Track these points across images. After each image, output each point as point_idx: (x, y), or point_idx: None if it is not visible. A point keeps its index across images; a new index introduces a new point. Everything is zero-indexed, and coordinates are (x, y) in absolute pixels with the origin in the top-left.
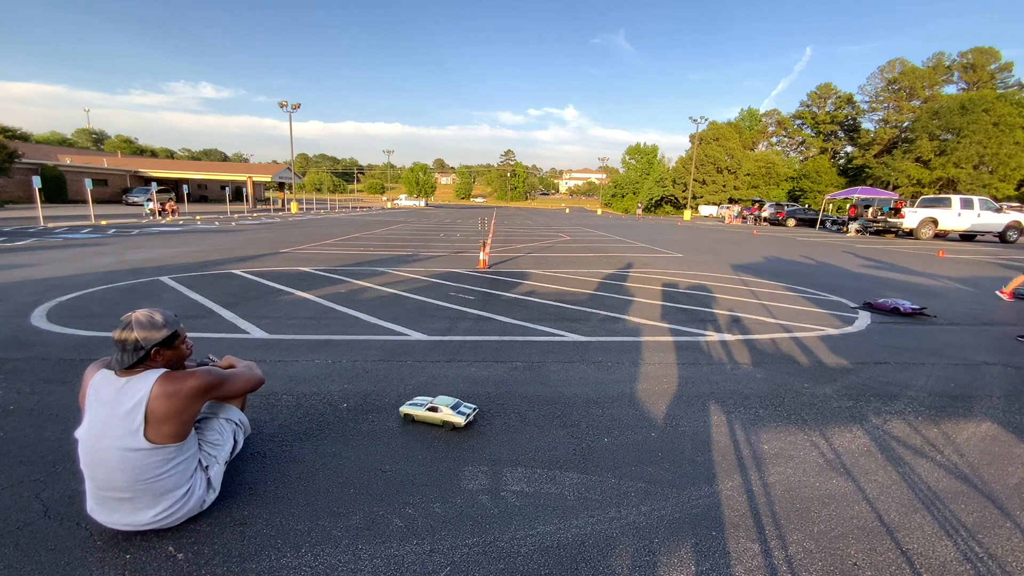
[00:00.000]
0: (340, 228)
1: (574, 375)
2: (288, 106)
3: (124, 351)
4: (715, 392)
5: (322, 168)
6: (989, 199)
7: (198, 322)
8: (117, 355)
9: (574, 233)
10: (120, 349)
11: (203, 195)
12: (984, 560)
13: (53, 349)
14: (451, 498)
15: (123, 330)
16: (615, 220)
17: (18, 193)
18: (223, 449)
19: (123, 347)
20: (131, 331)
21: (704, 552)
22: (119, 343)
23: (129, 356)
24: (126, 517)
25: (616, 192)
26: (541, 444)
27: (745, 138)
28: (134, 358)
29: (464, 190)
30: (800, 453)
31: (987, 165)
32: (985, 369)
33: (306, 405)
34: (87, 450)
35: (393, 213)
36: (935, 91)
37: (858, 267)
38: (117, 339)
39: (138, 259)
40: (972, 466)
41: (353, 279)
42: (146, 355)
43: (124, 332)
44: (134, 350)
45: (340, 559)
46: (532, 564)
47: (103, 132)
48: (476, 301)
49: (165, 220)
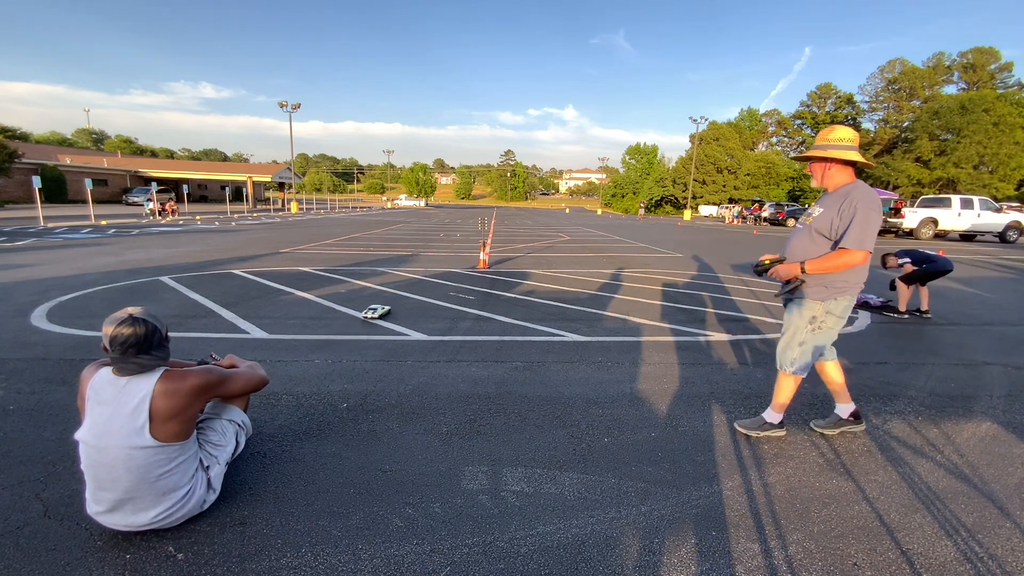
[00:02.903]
0: (340, 228)
1: (574, 375)
2: (288, 106)
3: (151, 348)
4: (715, 392)
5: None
6: (989, 199)
7: (198, 322)
8: (116, 354)
9: (574, 233)
10: (143, 349)
11: (203, 195)
12: (984, 560)
13: (53, 349)
14: (451, 498)
15: (120, 326)
16: (615, 220)
17: (18, 193)
18: (225, 450)
19: (149, 344)
20: (129, 327)
21: (704, 552)
22: (119, 340)
23: (158, 352)
24: (126, 518)
25: (616, 192)
26: (541, 444)
27: (745, 138)
28: (163, 352)
29: (464, 190)
30: (800, 453)
31: (987, 165)
32: (985, 369)
33: (306, 405)
34: (89, 451)
35: (393, 213)
36: (935, 91)
37: None
38: (114, 335)
39: (138, 259)
40: (972, 466)
41: (353, 279)
42: (150, 349)
43: (123, 328)
44: (159, 344)
45: (340, 559)
46: (532, 564)
47: (103, 132)
48: (476, 301)
49: (165, 220)
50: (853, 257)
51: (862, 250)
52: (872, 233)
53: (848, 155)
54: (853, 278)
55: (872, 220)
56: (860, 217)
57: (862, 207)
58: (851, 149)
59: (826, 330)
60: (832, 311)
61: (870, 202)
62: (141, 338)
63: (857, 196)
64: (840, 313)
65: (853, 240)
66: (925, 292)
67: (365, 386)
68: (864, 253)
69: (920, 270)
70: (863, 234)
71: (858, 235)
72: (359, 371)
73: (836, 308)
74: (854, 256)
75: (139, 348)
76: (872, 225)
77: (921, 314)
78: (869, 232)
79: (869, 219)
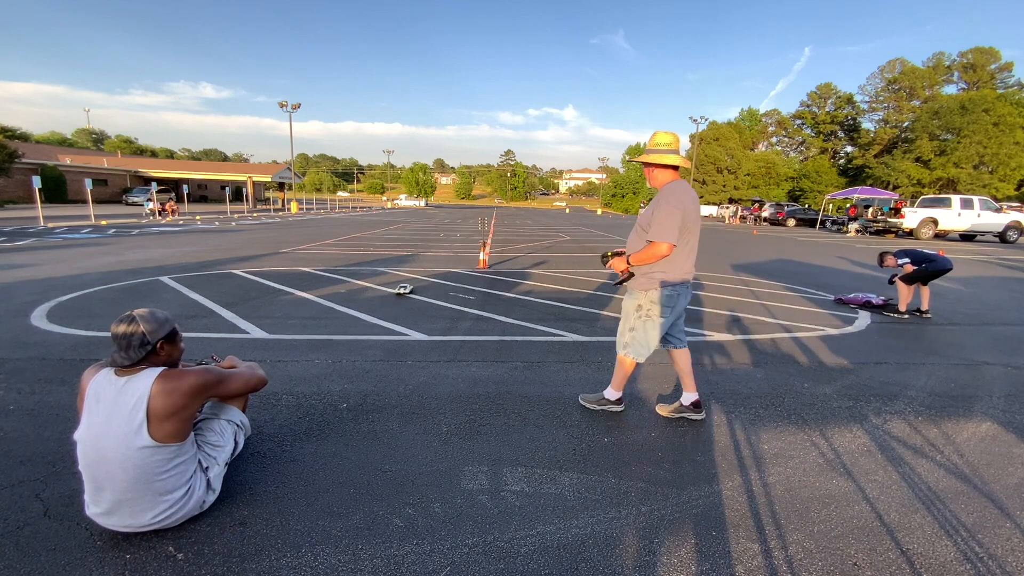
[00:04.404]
0: (340, 228)
1: (574, 375)
2: (288, 106)
3: (130, 347)
4: (715, 392)
5: (322, 168)
6: (989, 199)
7: (198, 322)
8: (120, 352)
9: (574, 233)
10: (124, 346)
11: (203, 195)
12: (984, 560)
13: (53, 349)
14: (451, 498)
15: (127, 325)
16: (615, 220)
17: (18, 193)
18: (224, 451)
19: (128, 343)
20: (136, 325)
21: (704, 552)
22: (123, 338)
23: (136, 352)
24: (125, 519)
25: (616, 192)
26: (541, 444)
27: (745, 138)
28: (141, 353)
29: (464, 190)
30: (800, 453)
31: (987, 165)
32: (985, 369)
33: (306, 405)
34: (87, 451)
35: (393, 213)
36: (935, 91)
37: (858, 267)
38: (121, 334)
39: (138, 259)
40: (972, 466)
41: (353, 279)
42: (152, 350)
43: (129, 326)
44: (140, 344)
45: (340, 559)
46: (532, 564)
47: (103, 132)
48: (476, 301)
49: (165, 220)
50: (658, 248)
51: (664, 242)
52: (670, 226)
53: (664, 159)
54: (670, 269)
55: (671, 215)
56: (661, 212)
57: (664, 203)
58: (668, 153)
59: (654, 318)
60: (655, 300)
61: (671, 198)
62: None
63: (663, 193)
64: (663, 303)
65: (655, 233)
66: (926, 292)
67: (365, 386)
68: (667, 245)
69: (920, 270)
70: (662, 227)
71: (658, 229)
72: (359, 371)
73: (658, 298)
74: (659, 248)
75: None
76: (670, 219)
77: (921, 314)
78: (668, 225)
79: (669, 214)
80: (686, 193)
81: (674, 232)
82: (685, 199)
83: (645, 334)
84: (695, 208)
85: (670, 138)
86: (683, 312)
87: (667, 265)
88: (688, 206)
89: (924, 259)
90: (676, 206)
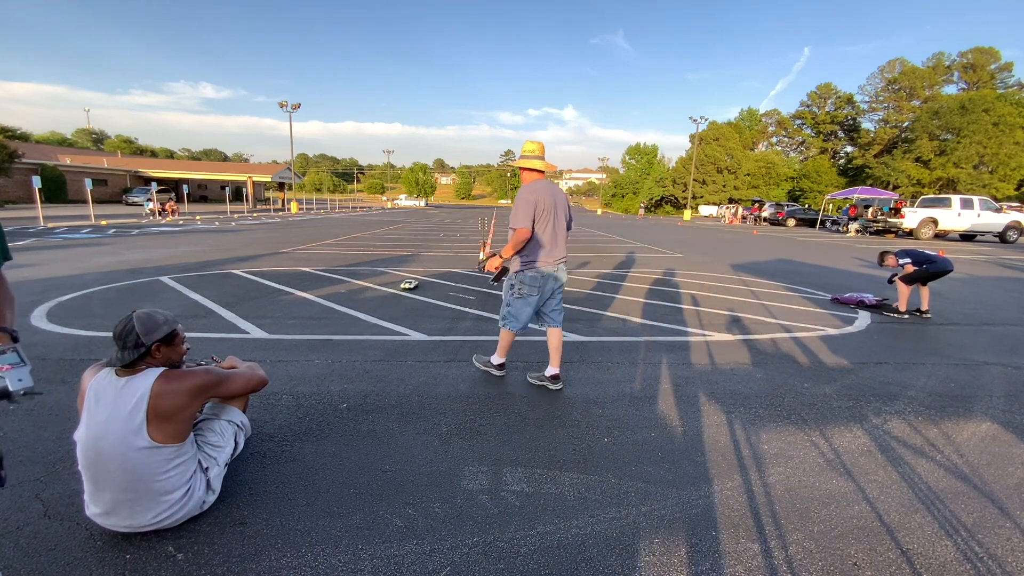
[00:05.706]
0: (340, 228)
1: (574, 375)
2: (288, 106)
3: (125, 347)
4: (715, 392)
5: (322, 168)
6: (989, 199)
7: (198, 322)
8: (117, 352)
9: (574, 233)
10: (121, 346)
11: (203, 195)
12: (984, 560)
13: (53, 349)
14: (451, 498)
15: (125, 325)
16: (615, 220)
17: (18, 193)
18: (224, 451)
19: (124, 343)
20: (132, 326)
21: (704, 552)
22: (120, 339)
23: (130, 352)
24: (125, 519)
25: (616, 192)
26: (541, 444)
27: (745, 138)
28: (135, 354)
29: (464, 190)
30: (800, 453)
31: (987, 165)
32: (985, 369)
33: (306, 405)
34: (87, 451)
35: (393, 213)
36: (935, 91)
37: (858, 267)
38: (119, 334)
39: (138, 259)
40: (972, 466)
41: (353, 279)
42: (147, 351)
43: (126, 326)
44: (135, 346)
45: (340, 559)
46: (532, 564)
47: (103, 132)
48: (476, 301)
49: (165, 220)
50: (516, 235)
51: (517, 227)
52: (522, 215)
53: (528, 163)
54: (532, 252)
55: (522, 206)
56: (516, 204)
57: (519, 198)
58: (533, 158)
59: (524, 296)
60: (524, 281)
61: (525, 193)
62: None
63: (520, 190)
64: (529, 283)
65: (511, 221)
66: (926, 292)
67: (365, 386)
68: (521, 230)
69: (920, 270)
70: (515, 216)
71: (513, 217)
72: (359, 371)
73: (525, 278)
74: (516, 234)
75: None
76: (522, 209)
77: (921, 314)
78: (520, 214)
79: (520, 205)
80: (542, 189)
81: (526, 219)
82: (539, 193)
83: (517, 310)
84: (551, 201)
85: (535, 146)
86: (557, 295)
87: (533, 251)
88: (541, 198)
89: (925, 260)
90: (528, 199)
